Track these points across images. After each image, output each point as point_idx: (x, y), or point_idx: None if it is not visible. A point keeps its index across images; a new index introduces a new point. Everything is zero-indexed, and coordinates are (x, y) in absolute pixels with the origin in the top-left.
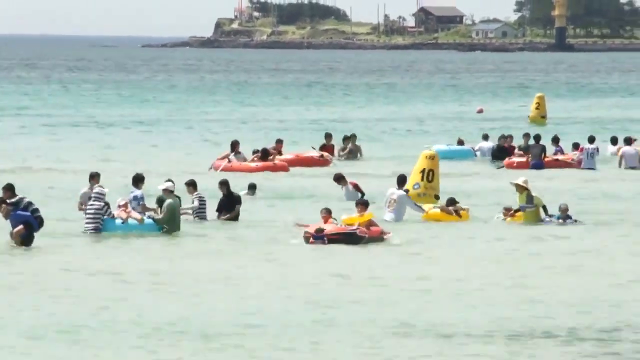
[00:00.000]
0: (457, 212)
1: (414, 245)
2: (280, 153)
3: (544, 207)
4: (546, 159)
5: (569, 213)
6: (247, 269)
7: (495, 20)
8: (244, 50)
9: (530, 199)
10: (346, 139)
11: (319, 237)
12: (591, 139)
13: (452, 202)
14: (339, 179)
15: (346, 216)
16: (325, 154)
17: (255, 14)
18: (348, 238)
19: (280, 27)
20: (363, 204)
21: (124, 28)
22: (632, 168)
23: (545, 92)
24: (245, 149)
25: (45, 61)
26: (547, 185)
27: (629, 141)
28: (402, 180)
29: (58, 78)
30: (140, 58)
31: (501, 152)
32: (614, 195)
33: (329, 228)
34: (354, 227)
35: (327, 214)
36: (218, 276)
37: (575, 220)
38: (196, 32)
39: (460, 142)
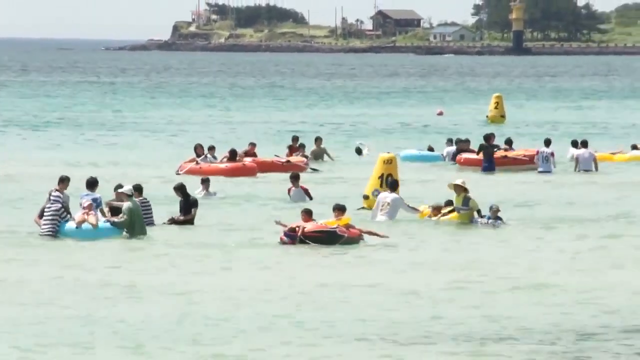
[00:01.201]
0: (451, 211)
1: (385, 249)
2: (255, 156)
3: (479, 211)
4: (495, 156)
5: (500, 215)
6: (203, 276)
7: (453, 24)
8: (202, 53)
9: (466, 201)
10: (301, 145)
11: (290, 235)
12: (547, 142)
13: (450, 203)
14: (295, 178)
15: (324, 220)
16: (299, 158)
17: (213, 17)
18: (328, 237)
19: (238, 30)
20: (340, 209)
21: (79, 31)
22: (587, 171)
23: (506, 94)
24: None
25: None
26: (497, 190)
27: (584, 144)
28: (394, 185)
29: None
30: (105, 61)
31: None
32: (559, 198)
33: (310, 226)
34: (334, 226)
35: (307, 215)
36: (176, 284)
37: (504, 222)
38: (153, 35)
39: (431, 149)
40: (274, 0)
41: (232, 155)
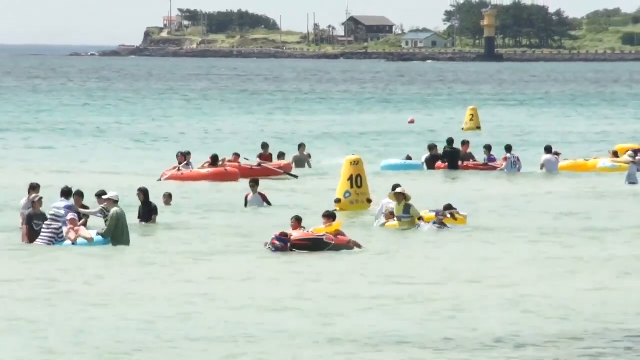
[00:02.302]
0: (452, 215)
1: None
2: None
3: (420, 218)
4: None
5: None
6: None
7: (424, 30)
8: (174, 59)
9: (407, 208)
10: (281, 155)
11: (282, 239)
12: (509, 148)
13: (449, 207)
14: (255, 183)
15: (314, 227)
16: (278, 162)
17: (185, 22)
18: (315, 244)
19: (210, 36)
20: (330, 216)
21: (49, 37)
22: (552, 174)
23: (479, 103)
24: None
25: None
26: (462, 194)
27: (549, 150)
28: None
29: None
30: (76, 67)
31: (435, 161)
32: (514, 203)
33: (296, 234)
34: (321, 234)
35: (297, 221)
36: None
37: (448, 227)
38: (125, 41)
39: (409, 158)
40: (246, 6)
41: (214, 160)
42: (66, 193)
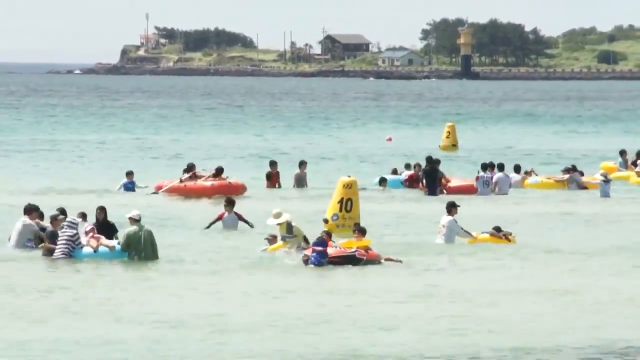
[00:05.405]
0: (506, 236)
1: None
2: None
3: (305, 238)
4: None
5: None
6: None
7: (401, 48)
8: (151, 77)
9: (290, 229)
10: (273, 164)
11: (319, 243)
12: (485, 167)
13: (498, 229)
14: (230, 203)
15: (345, 240)
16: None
17: (162, 40)
18: (348, 260)
19: (186, 54)
20: (361, 231)
21: (25, 55)
22: (504, 194)
23: (458, 120)
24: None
25: None
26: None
27: (501, 167)
28: (450, 207)
29: None
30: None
31: (417, 181)
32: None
33: (330, 251)
34: (353, 250)
35: (327, 237)
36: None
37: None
38: (102, 59)
39: (395, 172)
40: (222, 24)
41: (218, 173)
42: (28, 210)
